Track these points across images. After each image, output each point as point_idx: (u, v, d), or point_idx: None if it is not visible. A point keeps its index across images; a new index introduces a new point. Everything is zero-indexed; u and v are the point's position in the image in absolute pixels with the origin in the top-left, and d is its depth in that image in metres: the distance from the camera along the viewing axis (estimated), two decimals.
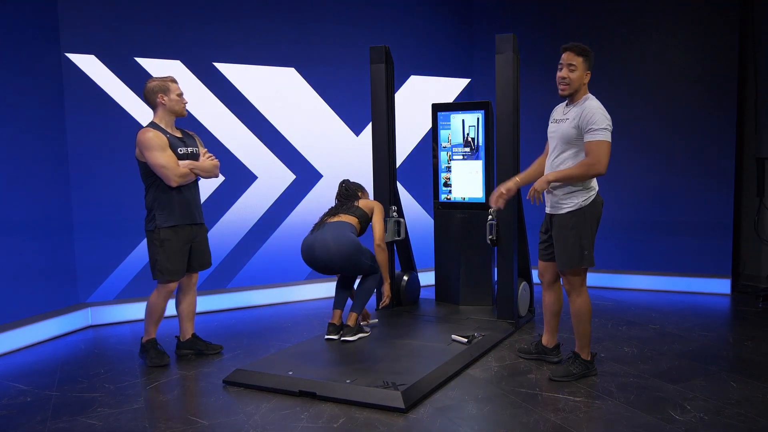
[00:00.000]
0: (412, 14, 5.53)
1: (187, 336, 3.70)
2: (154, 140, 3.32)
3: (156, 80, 3.44)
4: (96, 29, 4.31)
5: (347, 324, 3.72)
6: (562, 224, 3.06)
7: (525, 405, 2.82)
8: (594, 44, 5.25)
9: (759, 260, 5.17)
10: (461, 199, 4.51)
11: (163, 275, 3.42)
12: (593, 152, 2.91)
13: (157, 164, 3.32)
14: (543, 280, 3.36)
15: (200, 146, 3.60)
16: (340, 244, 3.57)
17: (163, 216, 3.40)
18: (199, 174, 3.51)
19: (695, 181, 5.10)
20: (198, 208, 3.58)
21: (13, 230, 3.88)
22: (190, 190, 3.51)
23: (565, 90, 3.02)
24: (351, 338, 3.66)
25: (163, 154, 3.32)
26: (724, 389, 2.97)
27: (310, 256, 3.66)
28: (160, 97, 3.42)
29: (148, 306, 3.52)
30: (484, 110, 4.37)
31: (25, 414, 2.85)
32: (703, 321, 4.27)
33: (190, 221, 3.50)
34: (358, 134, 5.34)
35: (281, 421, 2.69)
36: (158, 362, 3.48)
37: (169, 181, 3.35)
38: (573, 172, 2.96)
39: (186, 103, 3.52)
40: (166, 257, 3.40)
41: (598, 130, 2.91)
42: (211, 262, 3.71)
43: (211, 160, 3.56)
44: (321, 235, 3.64)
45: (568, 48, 3.01)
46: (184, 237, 3.46)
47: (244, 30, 4.83)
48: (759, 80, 5.01)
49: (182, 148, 3.45)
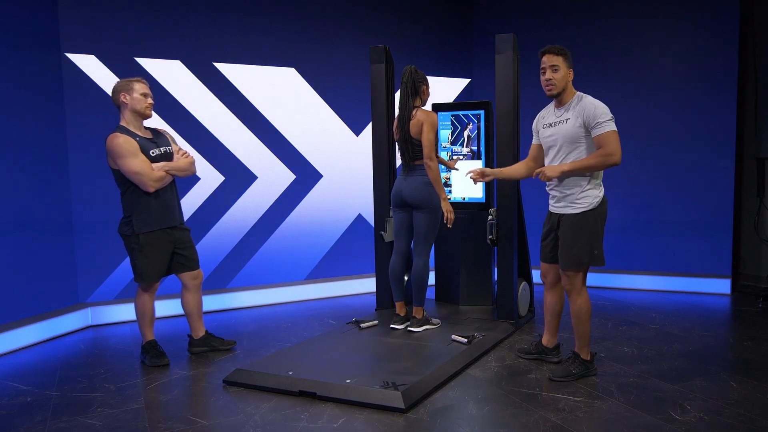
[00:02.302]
0: (412, 14, 5.53)
1: (200, 334, 3.71)
2: (124, 146, 3.21)
3: (122, 80, 3.36)
4: (96, 29, 4.31)
5: (414, 316, 3.85)
6: (574, 224, 3.06)
7: (525, 405, 2.82)
8: (594, 43, 5.29)
9: (759, 260, 5.17)
10: (461, 199, 4.50)
11: (143, 279, 3.40)
12: (608, 143, 2.94)
13: (130, 171, 3.22)
14: (545, 281, 3.36)
15: (173, 144, 3.51)
16: (420, 192, 3.73)
17: (141, 221, 3.32)
18: (176, 174, 3.42)
19: (695, 181, 5.10)
20: (177, 210, 3.51)
21: (13, 230, 3.88)
22: (168, 192, 3.42)
23: (552, 90, 3.07)
24: (417, 329, 3.80)
25: (135, 159, 3.22)
26: (724, 389, 2.97)
27: (398, 197, 3.83)
28: (122, 96, 3.31)
29: (136, 309, 3.51)
30: (484, 110, 4.37)
31: (25, 414, 2.85)
32: (703, 321, 4.27)
33: (169, 224, 3.43)
34: (358, 134, 5.35)
35: (281, 421, 2.69)
36: (157, 362, 3.47)
37: (146, 187, 3.26)
38: (590, 163, 2.98)
39: (151, 104, 3.39)
40: (147, 261, 3.36)
41: (605, 122, 2.95)
42: (198, 263, 3.62)
43: (185, 157, 3.47)
44: (407, 182, 3.78)
45: (547, 51, 3.08)
46: (163, 241, 3.40)
47: (244, 30, 4.84)
48: (759, 80, 5.01)
49: (154, 150, 3.36)
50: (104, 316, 4.46)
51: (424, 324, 3.85)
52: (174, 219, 3.46)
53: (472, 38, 5.79)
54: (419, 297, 3.84)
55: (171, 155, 3.45)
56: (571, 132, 3.03)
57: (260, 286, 5.03)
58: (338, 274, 5.31)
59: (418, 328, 3.81)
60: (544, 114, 3.25)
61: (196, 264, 3.59)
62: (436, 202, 3.72)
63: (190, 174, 3.51)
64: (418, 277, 3.82)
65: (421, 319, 3.84)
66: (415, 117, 3.70)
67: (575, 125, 3.01)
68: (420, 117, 3.69)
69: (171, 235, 3.45)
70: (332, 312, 4.76)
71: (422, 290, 3.83)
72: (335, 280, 5.31)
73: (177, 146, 3.52)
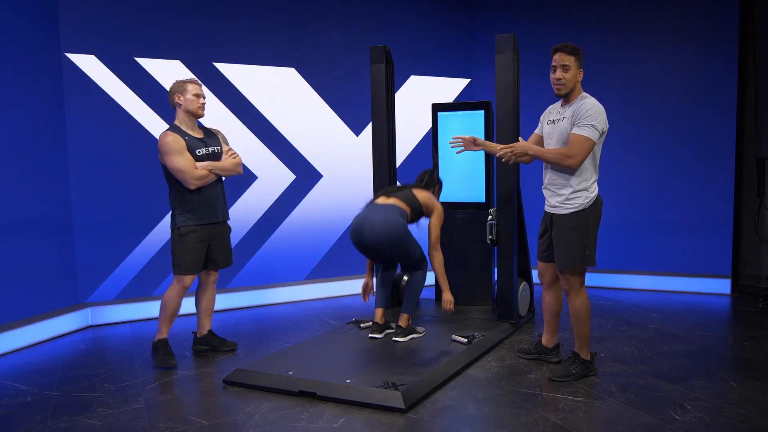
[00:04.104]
0: (412, 14, 5.53)
1: (204, 332, 3.75)
2: (171, 144, 3.35)
3: (177, 82, 3.49)
4: (96, 29, 4.31)
5: (399, 325, 3.69)
6: (564, 224, 3.06)
7: (525, 405, 2.82)
8: (594, 44, 5.28)
9: (759, 260, 5.17)
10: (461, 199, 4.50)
11: (180, 269, 3.46)
12: (573, 145, 2.96)
13: (174, 168, 3.35)
14: (543, 281, 3.37)
15: (224, 144, 3.63)
16: (388, 227, 3.47)
17: (184, 217, 3.44)
18: (219, 173, 3.52)
19: (695, 181, 5.10)
20: (221, 206, 3.60)
21: (13, 230, 3.88)
22: (212, 189, 3.52)
23: (561, 90, 3.05)
24: (402, 339, 3.63)
25: (180, 157, 3.35)
26: (724, 389, 2.97)
27: (359, 236, 3.55)
28: (177, 97, 3.46)
29: (163, 301, 3.53)
30: (484, 110, 4.37)
31: (25, 414, 2.85)
32: (703, 321, 4.27)
33: (212, 220, 3.53)
34: (358, 134, 5.34)
35: (281, 421, 2.69)
36: (166, 363, 3.46)
37: (188, 184, 3.38)
38: (548, 155, 3.04)
39: (203, 104, 3.52)
40: (184, 252, 3.44)
41: (586, 126, 2.95)
42: (232, 261, 3.73)
43: (233, 158, 3.58)
44: (371, 217, 3.53)
45: (560, 49, 3.04)
46: (203, 234, 3.49)
47: (244, 30, 4.83)
48: (759, 80, 5.00)
49: (202, 149, 3.46)
50: (104, 316, 4.46)
51: (410, 333, 3.70)
52: (216, 215, 3.55)
53: (472, 38, 5.79)
54: (409, 305, 3.71)
55: (219, 155, 3.55)
56: (566, 130, 3.04)
57: (260, 286, 5.03)
58: (338, 274, 5.31)
59: (403, 338, 3.63)
60: (551, 110, 3.24)
61: (223, 263, 3.66)
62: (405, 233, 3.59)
63: (235, 174, 3.60)
64: (415, 286, 3.71)
65: (407, 328, 3.68)
66: (428, 197, 3.78)
67: (569, 123, 3.02)
68: (434, 202, 3.77)
69: (211, 230, 3.54)
70: (332, 312, 4.76)
71: (415, 298, 3.73)
72: (335, 280, 5.31)
73: (227, 147, 3.63)
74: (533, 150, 3.09)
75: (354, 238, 3.59)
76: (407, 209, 3.67)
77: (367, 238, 3.51)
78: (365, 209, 3.66)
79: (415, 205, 3.71)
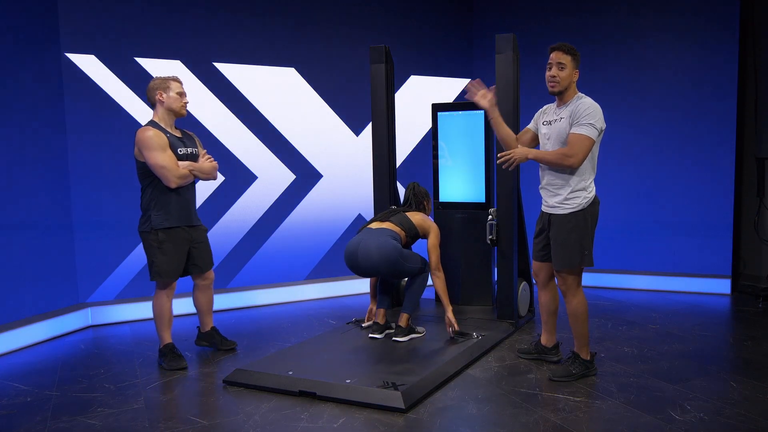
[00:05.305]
0: (412, 14, 5.53)
1: (207, 328, 3.75)
2: (154, 139, 3.28)
3: (158, 78, 3.43)
4: (96, 29, 4.31)
5: (399, 325, 3.70)
6: (563, 224, 3.06)
7: (525, 405, 2.82)
8: (594, 44, 5.29)
9: (759, 260, 5.16)
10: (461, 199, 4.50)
11: (161, 277, 3.40)
12: (573, 144, 2.96)
13: (156, 164, 3.28)
14: (537, 280, 3.37)
15: (199, 147, 3.58)
16: (383, 251, 3.50)
17: (160, 217, 3.36)
18: (198, 176, 3.48)
19: (695, 181, 5.10)
20: (194, 210, 3.56)
21: (13, 230, 3.88)
22: (188, 192, 3.48)
23: (555, 87, 3.06)
24: (402, 339, 3.64)
25: (163, 154, 3.29)
26: (724, 389, 2.97)
27: (353, 262, 3.61)
28: (159, 94, 3.39)
29: (154, 310, 3.50)
30: (484, 110, 4.36)
31: (25, 414, 2.85)
32: (703, 321, 4.26)
33: (187, 223, 3.47)
34: (358, 134, 5.35)
35: (281, 421, 2.69)
36: (175, 365, 3.43)
37: (169, 182, 3.31)
38: (549, 157, 3.03)
39: (186, 103, 3.48)
40: (165, 259, 3.37)
41: (585, 125, 2.96)
42: (213, 263, 3.70)
43: (210, 161, 3.54)
44: (365, 242, 3.56)
45: (557, 47, 3.07)
46: (181, 238, 3.44)
47: (244, 30, 4.83)
48: (759, 80, 5.00)
49: (182, 149, 3.42)
50: (104, 316, 4.46)
51: (410, 333, 3.70)
52: (191, 218, 3.51)
53: (472, 38, 5.79)
54: (411, 305, 3.72)
55: (197, 157, 3.51)
56: (563, 130, 3.04)
57: (260, 286, 5.03)
58: (338, 274, 5.31)
59: (403, 338, 3.64)
60: (546, 110, 3.25)
61: (208, 266, 3.62)
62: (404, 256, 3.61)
63: (212, 178, 3.57)
64: (418, 287, 3.73)
65: (406, 328, 3.69)
66: (423, 218, 3.82)
67: (567, 123, 3.03)
68: (429, 222, 3.81)
69: (189, 234, 3.49)
70: (332, 312, 4.76)
71: (415, 298, 3.74)
72: (335, 280, 5.31)
73: (203, 150, 3.59)
74: (533, 154, 3.08)
75: (349, 263, 3.64)
76: (401, 233, 3.73)
77: (362, 263, 3.56)
78: (359, 235, 3.70)
79: (411, 229, 3.77)
